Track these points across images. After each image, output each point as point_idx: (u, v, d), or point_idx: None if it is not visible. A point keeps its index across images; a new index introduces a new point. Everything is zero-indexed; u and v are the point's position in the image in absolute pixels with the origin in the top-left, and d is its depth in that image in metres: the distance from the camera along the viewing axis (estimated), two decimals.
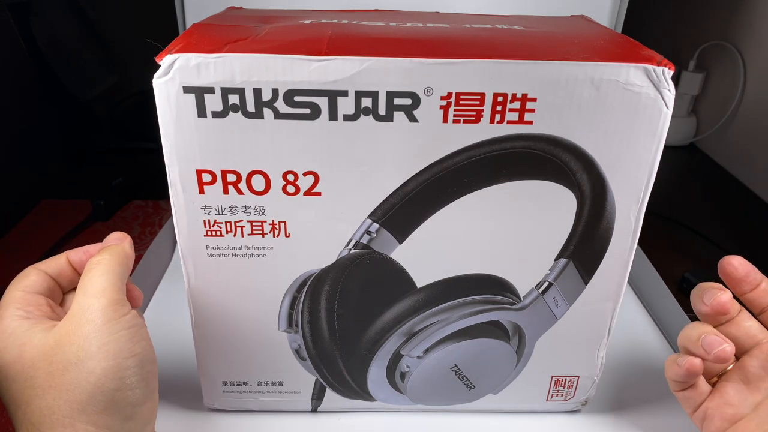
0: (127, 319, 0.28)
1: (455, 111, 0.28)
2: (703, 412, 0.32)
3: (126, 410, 0.27)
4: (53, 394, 0.26)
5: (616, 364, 0.42)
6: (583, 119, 0.28)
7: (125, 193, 0.71)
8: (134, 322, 0.28)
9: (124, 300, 0.29)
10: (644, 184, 0.30)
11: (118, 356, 0.27)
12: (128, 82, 0.79)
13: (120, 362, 0.27)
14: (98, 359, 0.26)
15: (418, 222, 0.32)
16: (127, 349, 0.27)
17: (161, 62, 0.27)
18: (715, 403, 0.32)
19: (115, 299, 0.28)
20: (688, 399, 0.33)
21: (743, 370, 0.32)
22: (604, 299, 0.34)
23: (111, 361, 0.27)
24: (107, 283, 0.28)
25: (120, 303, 0.28)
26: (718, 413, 0.32)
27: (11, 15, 0.64)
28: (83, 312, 0.27)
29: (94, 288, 0.28)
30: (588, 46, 0.29)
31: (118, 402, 0.27)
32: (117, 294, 0.28)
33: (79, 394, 0.26)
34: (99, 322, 0.27)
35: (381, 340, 0.34)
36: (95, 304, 0.27)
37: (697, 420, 0.33)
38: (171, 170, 0.29)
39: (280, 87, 0.27)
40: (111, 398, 0.26)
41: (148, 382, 0.28)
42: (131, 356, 0.27)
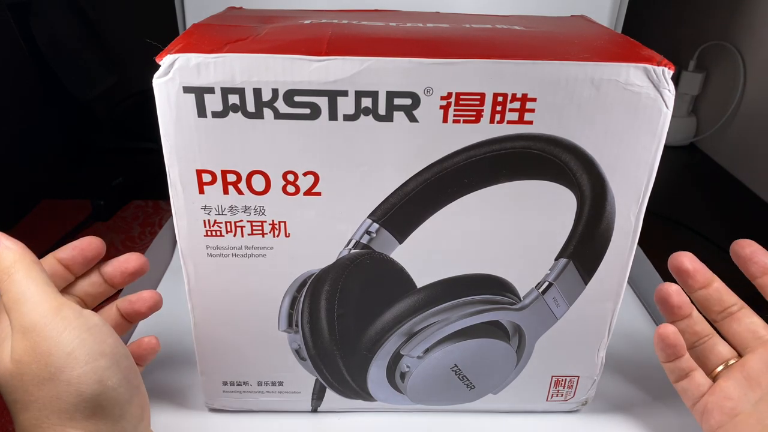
0: (82, 321, 0.26)
1: (455, 111, 0.28)
2: (703, 405, 0.33)
3: (115, 410, 0.27)
4: (37, 407, 0.25)
5: (616, 364, 0.42)
6: (583, 119, 0.28)
7: (125, 193, 0.71)
8: (91, 323, 0.27)
9: (67, 302, 0.27)
10: (644, 184, 0.30)
11: (89, 361, 0.26)
12: (128, 82, 0.79)
13: (93, 366, 0.26)
14: (70, 369, 0.25)
15: (418, 222, 0.32)
16: (95, 351, 0.26)
17: (161, 62, 0.27)
18: (716, 397, 0.32)
19: (56, 306, 0.26)
20: (686, 391, 0.34)
21: (745, 366, 0.32)
22: (604, 299, 0.34)
23: (83, 368, 0.25)
24: (37, 292, 0.26)
25: (64, 307, 0.26)
26: (717, 407, 0.32)
27: (11, 15, 0.64)
28: (32, 330, 0.25)
29: (27, 302, 0.26)
30: (588, 46, 0.29)
31: (105, 405, 0.26)
32: (54, 299, 0.26)
33: (63, 404, 0.25)
34: (53, 335, 0.25)
35: (381, 340, 0.34)
36: (40, 320, 0.25)
37: (697, 413, 0.33)
38: (171, 170, 0.29)
39: (280, 87, 0.27)
40: (96, 403, 0.26)
41: (130, 378, 0.28)
42: (102, 357, 0.26)
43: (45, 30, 0.69)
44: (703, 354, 0.34)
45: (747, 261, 0.33)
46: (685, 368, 0.33)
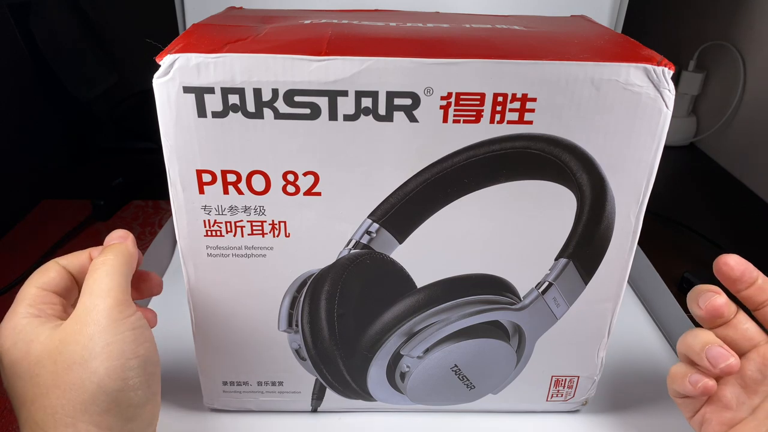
0: (132, 320, 0.28)
1: (455, 111, 0.28)
2: (702, 416, 0.32)
3: (128, 411, 0.27)
4: (57, 393, 0.26)
5: (616, 364, 0.42)
6: (583, 119, 0.28)
7: (125, 193, 0.71)
8: (138, 324, 0.28)
9: (129, 301, 0.29)
10: (644, 184, 0.30)
11: (121, 357, 0.27)
12: (128, 82, 0.79)
13: (123, 363, 0.27)
14: (102, 359, 0.26)
15: (418, 222, 0.32)
16: (130, 350, 0.27)
17: (161, 62, 0.27)
18: (714, 407, 0.32)
19: (121, 300, 0.28)
20: (687, 404, 0.33)
21: (741, 373, 0.31)
22: (604, 299, 0.34)
23: (114, 362, 0.27)
24: (113, 283, 0.28)
25: (125, 304, 0.28)
26: (716, 417, 0.31)
27: (11, 15, 0.64)
28: (88, 312, 0.27)
29: (100, 288, 0.28)
30: (588, 46, 0.29)
31: (121, 403, 0.27)
32: (122, 294, 0.28)
33: (82, 393, 0.26)
34: (104, 323, 0.27)
35: (381, 340, 0.34)
36: (100, 304, 0.27)
37: (695, 424, 0.33)
38: (171, 170, 0.29)
39: (280, 87, 0.27)
40: (113, 399, 0.27)
41: (151, 384, 0.28)
42: (134, 357, 0.27)
43: (45, 30, 0.69)
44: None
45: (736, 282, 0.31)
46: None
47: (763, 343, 0.31)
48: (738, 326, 0.32)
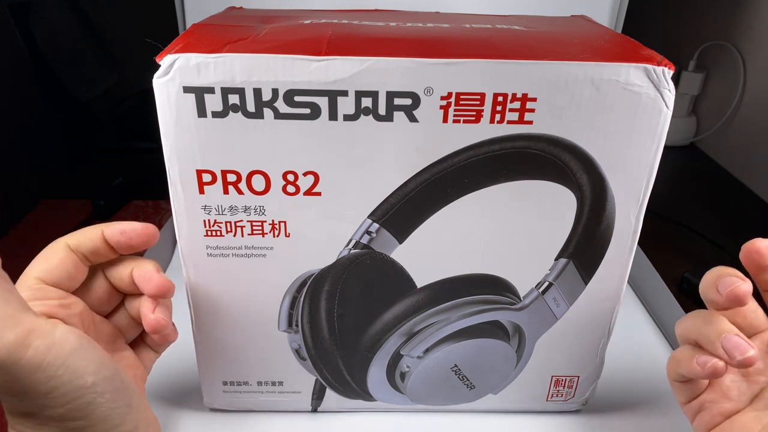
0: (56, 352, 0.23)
1: (455, 111, 0.28)
2: (699, 404, 0.31)
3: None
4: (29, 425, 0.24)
5: (616, 364, 0.42)
6: (583, 119, 0.28)
7: (125, 193, 0.71)
8: (67, 349, 0.23)
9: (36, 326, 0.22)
10: (644, 184, 0.30)
11: (69, 400, 0.23)
12: (128, 82, 0.79)
13: (76, 404, 0.24)
14: (51, 408, 0.23)
15: (418, 222, 0.32)
16: (75, 387, 0.23)
17: (161, 62, 0.27)
18: (714, 396, 0.31)
19: (22, 336, 0.22)
20: (685, 390, 0.32)
21: None
22: (604, 299, 0.34)
23: (65, 407, 0.23)
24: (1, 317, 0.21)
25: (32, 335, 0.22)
26: (716, 407, 0.31)
27: (11, 15, 0.64)
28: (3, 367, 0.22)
29: None
30: (588, 46, 0.29)
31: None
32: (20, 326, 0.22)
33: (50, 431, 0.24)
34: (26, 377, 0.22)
35: (381, 340, 0.34)
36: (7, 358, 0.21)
37: (689, 411, 0.32)
38: (171, 170, 0.29)
39: (280, 87, 0.27)
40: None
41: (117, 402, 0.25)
42: (84, 392, 0.24)
43: (45, 30, 0.69)
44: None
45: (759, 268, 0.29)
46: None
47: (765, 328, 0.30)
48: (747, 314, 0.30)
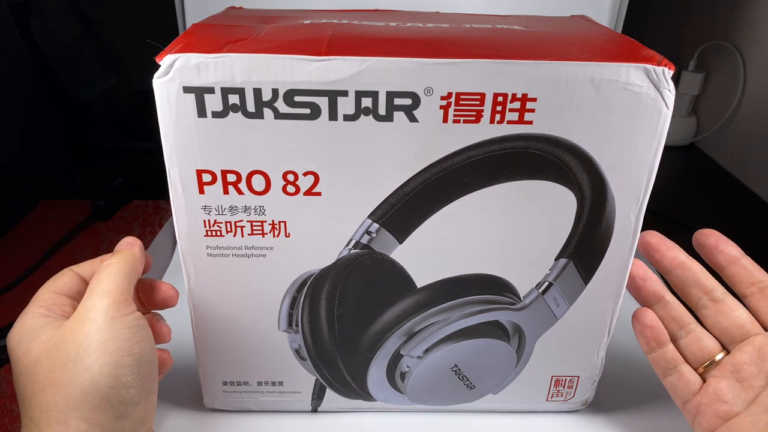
0: (129, 319, 0.28)
1: (455, 111, 0.28)
2: (695, 406, 0.32)
3: (119, 408, 0.28)
4: (52, 390, 0.26)
5: (616, 364, 0.42)
6: (583, 119, 0.28)
7: (125, 193, 0.71)
8: (136, 323, 0.29)
9: (129, 301, 0.29)
10: (644, 184, 0.30)
11: (115, 354, 0.27)
12: (128, 82, 0.79)
13: (117, 360, 0.27)
14: (96, 356, 0.27)
15: (418, 222, 0.32)
16: (125, 348, 0.28)
17: (161, 62, 0.27)
18: (709, 398, 0.32)
19: (119, 299, 0.28)
20: (675, 389, 0.33)
21: (735, 366, 0.31)
22: (604, 299, 0.34)
23: (108, 359, 0.27)
24: (113, 284, 0.29)
25: (123, 303, 0.29)
26: (711, 409, 0.31)
27: (11, 15, 0.64)
28: (87, 311, 0.28)
29: (100, 289, 0.29)
30: (588, 46, 0.29)
31: (112, 400, 0.27)
32: (121, 295, 0.29)
33: (74, 390, 0.26)
34: (100, 321, 0.27)
35: (381, 340, 0.34)
36: (98, 303, 0.28)
37: (688, 414, 0.33)
38: (171, 170, 0.29)
39: (280, 87, 0.27)
40: (105, 395, 0.27)
41: (145, 383, 0.29)
42: (129, 355, 0.28)
43: (45, 30, 0.69)
44: (688, 347, 0.33)
45: (712, 250, 0.33)
46: (671, 360, 0.33)
47: (756, 333, 0.31)
48: (728, 313, 0.32)
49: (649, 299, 0.34)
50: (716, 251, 0.32)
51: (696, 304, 0.33)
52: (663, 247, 0.34)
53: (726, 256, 0.32)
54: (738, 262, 0.32)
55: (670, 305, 0.34)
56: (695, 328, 0.33)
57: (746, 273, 0.32)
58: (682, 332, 0.33)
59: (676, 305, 0.34)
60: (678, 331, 0.33)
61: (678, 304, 0.34)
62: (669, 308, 0.33)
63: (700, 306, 0.33)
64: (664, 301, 0.34)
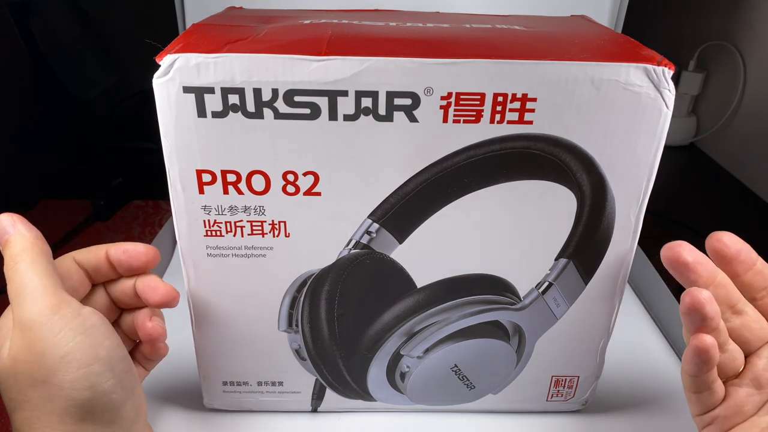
0: (79, 322, 0.26)
1: (455, 111, 0.28)
2: (711, 417, 0.30)
3: (105, 416, 0.26)
4: (29, 407, 0.25)
5: (616, 364, 0.42)
6: (583, 119, 0.28)
7: (125, 193, 0.71)
8: (89, 323, 0.26)
9: (67, 300, 0.26)
10: (644, 184, 0.30)
11: (81, 366, 0.25)
12: (128, 82, 0.79)
13: (86, 371, 0.25)
14: (62, 373, 0.25)
15: (418, 222, 0.32)
16: (89, 355, 0.25)
17: (161, 62, 0.27)
18: (729, 411, 0.30)
19: (54, 303, 0.25)
20: (702, 402, 0.30)
21: (754, 372, 0.30)
22: (604, 299, 0.34)
23: (75, 373, 0.25)
24: (36, 287, 0.25)
25: (62, 305, 0.25)
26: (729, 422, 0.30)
27: (11, 15, 0.64)
28: (29, 329, 0.25)
29: (27, 300, 0.25)
30: (588, 46, 0.29)
31: (95, 411, 0.26)
32: (54, 296, 0.25)
33: (53, 407, 0.25)
34: (48, 337, 0.25)
35: (381, 340, 0.34)
36: (35, 316, 0.25)
37: (700, 422, 0.31)
38: (171, 170, 0.29)
39: (280, 87, 0.27)
40: (87, 409, 0.25)
41: (124, 382, 0.27)
42: (96, 361, 0.25)
43: (45, 30, 0.69)
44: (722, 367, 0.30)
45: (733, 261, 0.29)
46: (711, 381, 0.30)
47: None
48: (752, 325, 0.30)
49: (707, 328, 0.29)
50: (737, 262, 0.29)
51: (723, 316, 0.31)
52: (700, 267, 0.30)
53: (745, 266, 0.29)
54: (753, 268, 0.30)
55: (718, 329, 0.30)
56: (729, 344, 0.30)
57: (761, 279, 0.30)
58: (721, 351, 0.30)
59: (722, 328, 0.30)
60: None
61: (724, 326, 0.30)
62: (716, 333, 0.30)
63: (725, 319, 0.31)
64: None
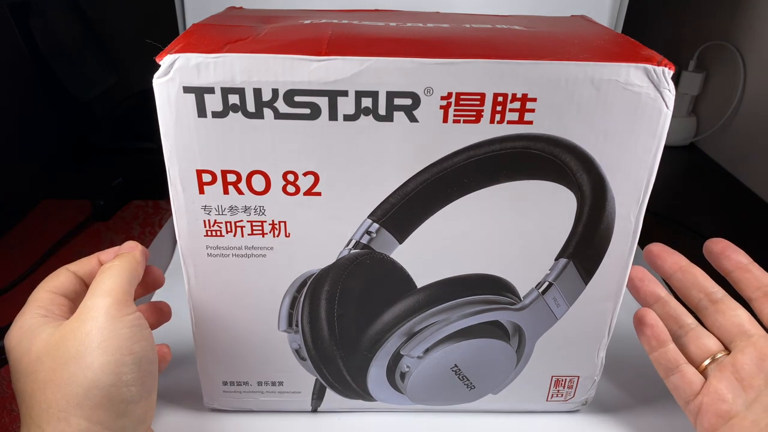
0: (130, 318, 0.29)
1: (455, 111, 0.28)
2: (697, 406, 0.32)
3: (120, 406, 0.28)
4: (53, 389, 0.27)
5: (616, 364, 0.42)
6: (583, 119, 0.28)
7: (125, 193, 0.71)
8: (136, 323, 0.29)
9: (130, 301, 0.30)
10: (644, 184, 0.30)
11: (116, 353, 0.27)
12: (128, 82, 0.79)
13: (118, 358, 0.27)
14: (97, 354, 0.27)
15: (418, 222, 0.32)
16: (126, 346, 0.28)
17: (161, 62, 0.27)
18: (710, 398, 0.32)
19: (120, 299, 0.29)
20: (678, 388, 0.33)
21: (736, 366, 0.32)
22: (604, 299, 0.34)
23: (108, 357, 0.27)
24: (114, 284, 0.29)
25: (124, 303, 0.29)
26: (712, 408, 0.32)
27: (11, 15, 0.64)
28: (89, 310, 0.28)
29: (102, 289, 0.29)
30: (588, 46, 0.29)
31: (113, 398, 0.27)
32: (123, 295, 0.29)
33: (75, 387, 0.27)
34: (102, 320, 0.28)
35: (381, 340, 0.34)
36: (100, 302, 0.28)
37: (690, 414, 0.33)
38: (171, 170, 0.29)
39: (280, 87, 0.27)
40: (106, 393, 0.27)
41: (145, 381, 0.29)
42: (129, 354, 0.28)
43: (45, 30, 0.69)
44: (688, 346, 0.34)
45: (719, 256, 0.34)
46: (673, 360, 0.33)
47: (754, 333, 0.32)
48: (727, 312, 0.33)
49: (647, 299, 0.35)
50: (723, 257, 0.34)
51: (696, 305, 0.34)
52: (664, 253, 0.35)
53: (732, 262, 0.33)
54: (745, 267, 0.33)
55: (669, 304, 0.34)
56: (695, 326, 0.34)
57: (753, 278, 0.33)
58: (682, 331, 0.34)
59: (674, 304, 0.34)
60: (678, 330, 0.34)
61: (676, 303, 0.34)
62: (667, 307, 0.34)
63: (701, 307, 0.34)
64: (662, 300, 0.35)
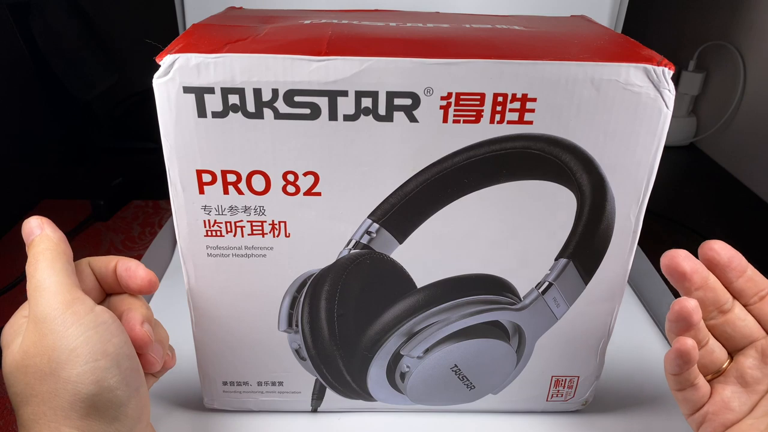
0: (91, 318, 0.26)
1: (455, 111, 0.28)
2: (702, 416, 0.31)
3: (110, 412, 0.26)
4: (36, 402, 0.26)
5: (616, 364, 0.42)
6: (583, 119, 0.28)
7: (125, 193, 0.71)
8: (100, 320, 0.27)
9: (81, 297, 0.27)
10: (644, 184, 0.30)
11: (89, 360, 0.26)
12: (128, 82, 0.79)
13: (93, 366, 0.26)
14: (70, 366, 0.25)
15: (418, 222, 0.32)
16: (98, 350, 0.26)
17: (161, 62, 0.27)
18: (716, 407, 0.31)
19: (68, 300, 0.26)
20: (688, 400, 0.32)
21: (740, 371, 0.31)
22: (604, 299, 0.34)
23: (83, 366, 0.25)
24: (53, 285, 0.26)
25: (76, 302, 0.26)
26: (718, 418, 0.31)
27: (11, 15, 0.64)
28: (42, 322, 0.26)
29: (43, 296, 0.26)
30: (588, 46, 0.29)
31: (100, 406, 0.26)
32: (69, 293, 0.26)
33: (59, 401, 0.25)
34: (60, 330, 0.26)
35: (381, 340, 0.34)
36: (49, 311, 0.26)
37: (693, 423, 0.32)
38: (171, 170, 0.29)
39: (280, 87, 0.27)
40: (92, 404, 0.26)
41: (129, 379, 0.27)
42: (104, 357, 0.26)
43: (45, 30, 0.69)
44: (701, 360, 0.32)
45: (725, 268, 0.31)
46: (692, 378, 0.31)
47: (759, 337, 0.31)
48: (736, 322, 0.31)
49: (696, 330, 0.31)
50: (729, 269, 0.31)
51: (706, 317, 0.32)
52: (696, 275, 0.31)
53: (737, 273, 0.31)
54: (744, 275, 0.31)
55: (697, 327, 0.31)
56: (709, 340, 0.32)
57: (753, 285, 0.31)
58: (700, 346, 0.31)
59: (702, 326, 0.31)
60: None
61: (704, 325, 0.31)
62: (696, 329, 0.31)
63: (710, 318, 0.32)
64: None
